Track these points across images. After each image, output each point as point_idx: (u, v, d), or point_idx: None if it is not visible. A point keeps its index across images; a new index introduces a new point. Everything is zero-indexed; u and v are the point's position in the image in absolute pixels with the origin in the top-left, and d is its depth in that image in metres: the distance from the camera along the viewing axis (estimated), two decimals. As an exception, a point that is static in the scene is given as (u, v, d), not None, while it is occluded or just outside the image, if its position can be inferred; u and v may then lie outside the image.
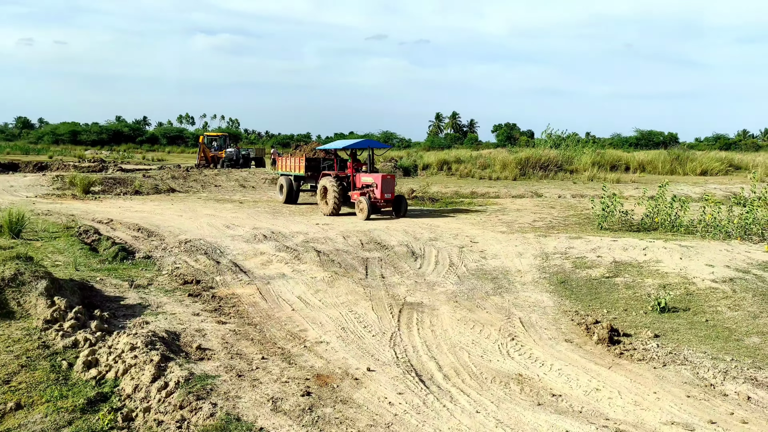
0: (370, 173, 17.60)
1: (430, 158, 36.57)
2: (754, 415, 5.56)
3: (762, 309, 8.52)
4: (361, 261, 11.57)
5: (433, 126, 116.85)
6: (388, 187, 16.92)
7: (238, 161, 36.85)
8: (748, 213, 12.96)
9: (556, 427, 5.14)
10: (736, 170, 34.15)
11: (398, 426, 5.10)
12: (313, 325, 7.85)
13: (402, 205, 17.20)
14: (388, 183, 16.98)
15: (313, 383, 5.93)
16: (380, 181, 16.77)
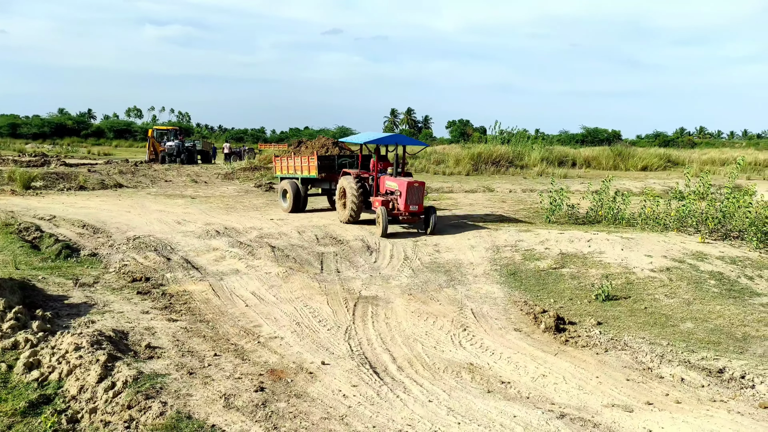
0: (395, 177, 13.95)
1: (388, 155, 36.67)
2: (686, 395, 5.90)
3: (695, 296, 9.00)
4: (316, 256, 11.57)
5: (389, 122, 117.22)
6: (415, 196, 13.38)
7: (180, 155, 34.33)
8: (683, 206, 13.63)
9: (505, 413, 5.32)
10: (673, 166, 35.71)
11: (352, 418, 5.17)
12: (267, 321, 7.83)
13: (431, 218, 13.52)
14: (415, 192, 13.40)
15: (266, 379, 5.93)
16: (405, 188, 13.21)
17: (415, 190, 13.41)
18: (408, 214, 13.37)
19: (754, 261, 10.82)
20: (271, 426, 4.93)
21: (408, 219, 13.42)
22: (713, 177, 15.61)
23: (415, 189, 13.41)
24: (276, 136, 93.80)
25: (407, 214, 13.33)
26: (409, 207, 13.28)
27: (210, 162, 37.55)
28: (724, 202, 13.09)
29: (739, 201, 12.62)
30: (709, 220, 12.89)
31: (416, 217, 13.51)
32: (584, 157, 35.23)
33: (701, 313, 8.36)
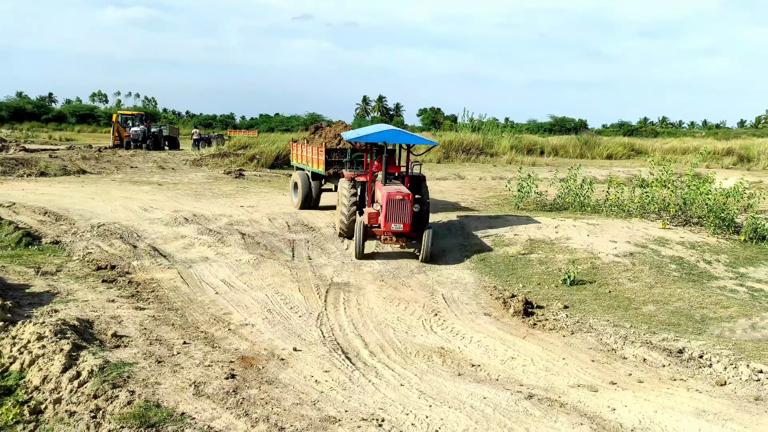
0: (386, 184, 11.17)
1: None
2: (648, 374, 6.11)
3: (657, 280, 9.27)
4: (287, 243, 11.51)
5: (360, 109, 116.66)
6: (397, 212, 10.42)
7: (146, 141, 33.16)
8: (646, 194, 13.99)
9: (475, 395, 5.42)
10: (637, 154, 36.53)
11: (324, 403, 5.20)
12: (237, 308, 7.77)
13: (425, 240, 10.46)
14: (397, 207, 10.40)
15: (237, 366, 5.90)
16: (385, 201, 10.40)
17: (398, 204, 10.36)
18: (389, 234, 10.57)
19: (713, 246, 11.19)
20: (242, 412, 4.92)
21: (390, 241, 10.61)
22: (675, 165, 16.02)
23: (398, 203, 10.35)
24: (246, 122, 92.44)
25: (388, 234, 10.57)
26: (390, 226, 10.44)
27: (177, 148, 36.79)
28: (685, 190, 13.46)
29: (699, 189, 13.00)
30: (670, 207, 13.25)
31: (402, 240, 10.67)
32: (552, 146, 35.74)
33: (662, 297, 8.62)
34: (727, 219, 12.16)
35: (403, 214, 10.41)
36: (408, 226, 10.48)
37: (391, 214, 10.40)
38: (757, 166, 30.97)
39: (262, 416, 4.85)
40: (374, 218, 10.66)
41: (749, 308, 8.11)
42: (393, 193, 10.48)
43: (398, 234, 10.58)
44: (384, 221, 10.42)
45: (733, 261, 10.41)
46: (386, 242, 10.67)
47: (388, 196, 10.41)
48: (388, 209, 10.36)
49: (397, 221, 10.42)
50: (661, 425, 4.92)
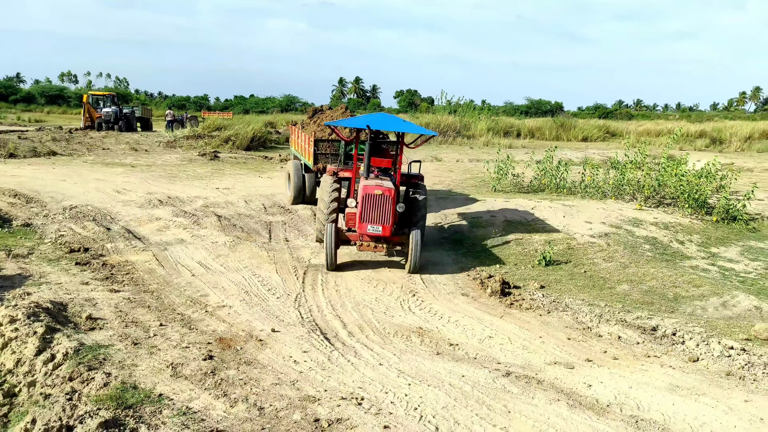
0: (367, 178, 9.14)
1: (333, 122, 36.29)
2: (623, 351, 6.23)
3: (631, 260, 9.44)
4: (264, 225, 11.42)
5: (337, 90, 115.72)
6: (373, 211, 8.66)
7: (118, 122, 32.27)
8: (621, 175, 14.18)
9: (453, 373, 5.47)
10: (612, 137, 37.00)
11: (303, 382, 5.19)
12: (214, 290, 7.70)
13: (412, 246, 8.75)
14: (374, 204, 8.65)
15: (215, 347, 5.86)
16: (361, 197, 8.71)
17: (375, 201, 8.58)
18: (366, 239, 8.77)
19: (686, 226, 11.41)
20: (220, 393, 4.89)
21: (366, 247, 8.78)
22: (649, 147, 16.27)
23: (375, 200, 8.58)
24: (220, 103, 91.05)
25: (365, 237, 8.75)
26: (366, 228, 8.62)
27: (150, 129, 36.08)
28: (659, 172, 13.68)
29: (673, 170, 13.22)
30: (645, 189, 13.46)
31: (381, 246, 8.79)
32: (528, 128, 35.99)
33: (636, 276, 8.78)
34: (700, 200, 12.41)
35: (381, 214, 8.55)
36: (388, 229, 8.58)
37: (368, 213, 8.57)
38: (729, 148, 31.61)
39: (241, 396, 4.83)
40: (352, 220, 9.01)
41: (720, 287, 8.32)
42: (370, 186, 8.63)
43: (376, 238, 8.74)
44: (358, 221, 8.62)
45: (706, 241, 10.65)
46: (362, 248, 8.77)
47: (364, 190, 8.64)
48: (363, 207, 8.59)
49: (375, 222, 8.58)
50: (635, 400, 5.04)
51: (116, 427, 4.14)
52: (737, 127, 35.49)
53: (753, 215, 12.35)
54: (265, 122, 34.00)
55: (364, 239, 8.81)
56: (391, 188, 8.71)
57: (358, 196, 8.84)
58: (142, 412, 4.45)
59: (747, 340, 6.44)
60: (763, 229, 11.79)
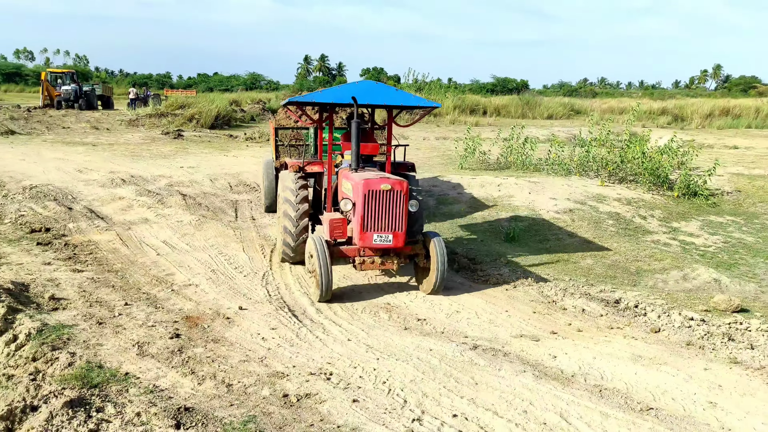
0: (357, 170, 7.16)
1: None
2: (587, 324, 6.40)
3: (595, 235, 9.65)
4: (230, 203, 11.27)
5: (302, 68, 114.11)
6: (382, 215, 6.65)
7: (78, 100, 31.54)
8: (585, 152, 14.43)
9: (422, 348, 5.53)
10: (576, 114, 37.55)
11: (272, 359, 5.19)
12: (180, 269, 7.59)
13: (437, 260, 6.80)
14: (382, 205, 6.63)
15: (182, 325, 5.79)
16: (361, 195, 6.60)
17: (381, 200, 6.58)
18: (369, 254, 6.81)
19: (647, 202, 11.71)
20: (188, 371, 4.85)
21: (370, 265, 6.81)
22: (612, 125, 16.55)
23: (381, 198, 6.58)
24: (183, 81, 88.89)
25: (368, 254, 6.81)
26: (371, 238, 6.62)
27: (111, 108, 35.06)
28: (622, 148, 13.96)
29: (636, 147, 13.50)
30: (608, 165, 13.73)
31: (390, 261, 6.85)
32: (495, 106, 36.19)
33: (600, 251, 8.99)
34: (662, 176, 12.72)
35: (392, 217, 6.57)
36: (402, 237, 6.63)
37: (372, 218, 6.54)
38: (690, 125, 32.39)
39: (209, 374, 4.81)
40: (340, 228, 6.85)
41: (681, 260, 8.58)
42: (373, 180, 6.55)
43: (384, 251, 6.75)
44: (360, 231, 6.54)
45: (667, 216, 10.95)
46: (364, 267, 6.75)
47: (366, 185, 6.49)
48: (366, 209, 6.50)
49: (383, 228, 6.56)
50: (599, 370, 5.18)
51: (82, 406, 4.07)
52: (698, 105, 36.38)
53: (713, 191, 12.73)
54: (229, 100, 33.35)
55: (366, 253, 6.74)
56: (402, 181, 6.62)
57: (355, 195, 6.63)
58: (108, 390, 4.38)
59: (706, 312, 6.67)
60: (722, 204, 12.18)
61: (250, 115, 30.29)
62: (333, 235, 6.87)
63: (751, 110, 34.02)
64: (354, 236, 6.79)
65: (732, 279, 7.88)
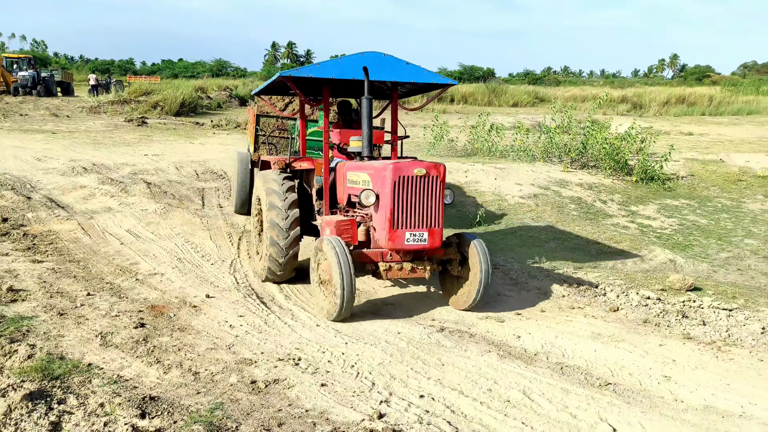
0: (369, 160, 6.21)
1: (267, 87, 35.36)
2: (549, 304, 6.56)
3: (558, 219, 9.87)
4: (196, 191, 11.12)
5: (269, 55, 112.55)
6: (413, 208, 5.54)
7: (36, 86, 30.76)
8: (549, 139, 14.69)
9: (390, 331, 5.59)
10: (541, 102, 38.14)
11: (240, 346, 5.18)
12: (145, 258, 7.48)
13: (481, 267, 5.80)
14: (414, 194, 5.52)
15: (147, 315, 5.73)
16: (390, 184, 5.46)
17: (415, 188, 5.52)
18: (399, 258, 5.75)
19: (608, 186, 12.00)
20: (153, 360, 4.81)
21: (397, 272, 5.71)
22: (575, 112, 16.87)
23: (415, 187, 5.52)
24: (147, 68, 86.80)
25: (397, 256, 5.75)
26: (403, 237, 5.54)
27: (72, 94, 34.05)
28: (585, 135, 14.25)
29: (597, 134, 13.79)
30: (570, 152, 14.00)
31: (421, 267, 5.74)
32: (462, 94, 36.46)
33: (563, 234, 9.20)
34: (621, 161, 13.05)
35: (428, 210, 5.50)
36: (439, 234, 5.60)
37: (405, 212, 5.45)
38: (648, 112, 33.19)
39: (175, 362, 4.78)
40: (349, 232, 5.86)
41: (639, 242, 8.85)
42: (405, 164, 5.48)
43: (416, 255, 5.72)
44: (388, 229, 5.43)
45: (626, 200, 11.25)
46: (391, 275, 5.67)
47: (396, 170, 5.40)
48: (396, 201, 5.42)
49: (416, 225, 5.48)
50: (561, 349, 5.33)
51: (42, 398, 4.01)
52: (656, 93, 37.30)
53: (669, 175, 13.11)
54: (195, 87, 32.74)
55: (393, 258, 5.66)
56: (438, 164, 5.55)
57: (378, 184, 5.51)
58: (70, 382, 4.32)
59: (662, 290, 6.91)
60: (677, 188, 12.57)
61: (217, 102, 29.84)
62: (349, 238, 5.87)
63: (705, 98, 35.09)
64: (379, 237, 5.61)
65: (686, 259, 8.17)
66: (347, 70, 6.01)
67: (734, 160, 14.91)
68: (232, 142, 16.55)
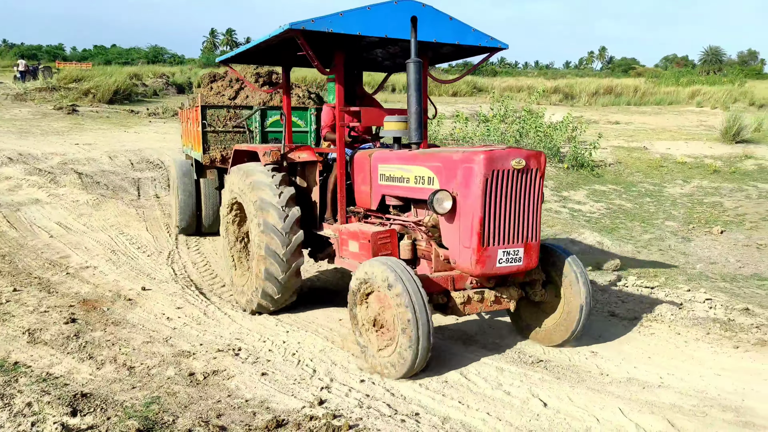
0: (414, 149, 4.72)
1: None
2: (487, 288, 6.76)
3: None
4: (131, 182, 10.77)
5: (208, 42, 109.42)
6: (507, 216, 4.03)
7: None
8: (487, 128, 15.04)
9: (332, 318, 5.64)
10: (479, 92, 38.78)
11: (178, 339, 5.10)
12: (77, 251, 7.21)
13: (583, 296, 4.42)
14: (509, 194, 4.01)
15: (79, 310, 5.55)
16: (481, 183, 3.87)
17: (512, 185, 4.03)
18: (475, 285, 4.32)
19: (545, 174, 12.43)
20: (85, 356, 4.67)
21: (477, 306, 4.28)
22: (512, 102, 17.28)
23: (512, 182, 4.02)
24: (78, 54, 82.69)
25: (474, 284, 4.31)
26: (495, 257, 4.03)
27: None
28: (521, 124, 14.66)
29: (532, 123, 14.23)
30: (508, 140, 14.38)
31: (506, 297, 4.37)
32: (402, 84, 36.60)
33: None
34: (554, 149, 13.52)
35: (527, 217, 4.18)
36: (536, 251, 4.29)
37: (498, 221, 4.04)
38: (579, 102, 34.35)
39: (109, 357, 4.66)
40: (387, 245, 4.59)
41: (570, 226, 9.22)
42: (498, 153, 3.97)
43: (501, 280, 4.40)
44: (477, 246, 3.98)
45: (558, 186, 11.68)
46: (469, 309, 4.28)
47: (489, 161, 3.91)
48: (490, 206, 3.97)
49: (513, 239, 4.12)
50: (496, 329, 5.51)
51: (-35, 399, 3.84)
52: (585, 84, 38.62)
53: (598, 162, 13.70)
54: (129, 74, 31.51)
55: (473, 285, 4.28)
56: (538, 152, 4.15)
57: (458, 182, 4.03)
58: (-4, 381, 4.15)
59: (591, 271, 7.23)
60: (605, 174, 13.15)
61: (153, 89, 28.84)
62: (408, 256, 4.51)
63: (631, 89, 36.60)
64: (455, 257, 4.14)
65: (613, 241, 8.58)
66: (377, 25, 4.59)
67: (656, 148, 15.73)
68: (169, 130, 16.07)
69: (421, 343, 3.85)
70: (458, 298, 4.21)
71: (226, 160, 7.07)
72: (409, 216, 4.78)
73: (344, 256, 5.05)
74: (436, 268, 4.33)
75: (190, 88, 32.17)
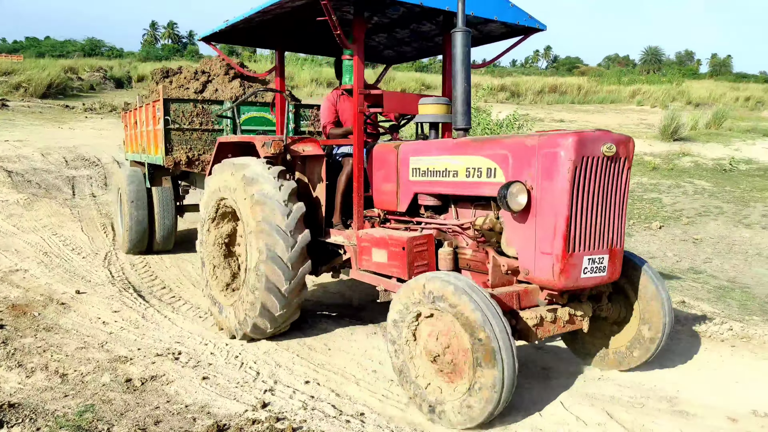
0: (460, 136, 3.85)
1: (146, 69, 33.33)
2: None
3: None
4: (66, 180, 10.30)
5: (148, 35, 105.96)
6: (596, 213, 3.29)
7: None
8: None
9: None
10: (428, 89, 39.21)
11: (114, 343, 4.90)
12: (5, 254, 6.84)
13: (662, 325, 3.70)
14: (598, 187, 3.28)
15: (7, 315, 5.25)
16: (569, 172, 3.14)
17: (599, 175, 3.28)
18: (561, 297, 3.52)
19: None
20: (14, 364, 4.42)
21: (549, 327, 3.41)
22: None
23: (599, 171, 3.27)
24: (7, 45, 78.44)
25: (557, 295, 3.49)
26: (580, 265, 3.26)
27: None
28: (469, 121, 14.86)
29: (480, 120, 14.45)
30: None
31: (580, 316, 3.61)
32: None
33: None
34: (502, 147, 13.78)
35: (614, 217, 3.42)
36: (620, 258, 3.53)
37: (585, 221, 3.28)
38: (525, 100, 35.22)
39: (40, 365, 4.42)
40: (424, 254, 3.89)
41: (515, 223, 9.42)
42: (590, 136, 3.24)
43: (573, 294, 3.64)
44: (563, 252, 3.20)
45: (505, 184, 11.92)
46: (542, 332, 3.40)
47: (579, 145, 3.16)
48: (577, 202, 3.21)
49: (599, 244, 3.36)
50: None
51: None
52: (531, 82, 39.62)
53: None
54: (64, 67, 30.11)
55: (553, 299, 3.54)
56: (628, 138, 3.47)
57: (538, 174, 3.29)
58: None
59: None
60: (552, 172, 13.51)
61: (90, 84, 27.71)
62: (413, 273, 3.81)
63: (575, 88, 37.84)
64: (530, 266, 3.39)
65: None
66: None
67: (600, 146, 16.25)
68: (106, 126, 15.44)
69: (506, 384, 2.98)
70: (530, 319, 3.34)
71: (192, 163, 6.31)
72: (446, 218, 4.04)
73: (365, 268, 4.24)
74: (494, 282, 3.55)
75: (129, 82, 31.06)
